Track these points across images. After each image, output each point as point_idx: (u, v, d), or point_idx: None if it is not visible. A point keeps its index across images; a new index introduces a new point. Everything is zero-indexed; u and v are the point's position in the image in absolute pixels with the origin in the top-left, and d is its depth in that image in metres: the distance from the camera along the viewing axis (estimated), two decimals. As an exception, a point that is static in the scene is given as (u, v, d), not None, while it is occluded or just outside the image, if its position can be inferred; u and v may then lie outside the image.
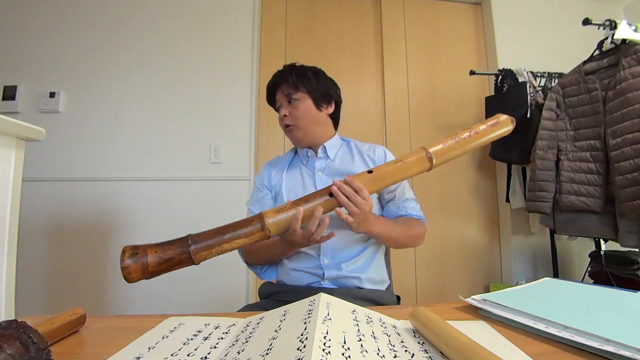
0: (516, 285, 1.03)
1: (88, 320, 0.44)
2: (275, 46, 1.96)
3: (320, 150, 0.91)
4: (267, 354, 0.27)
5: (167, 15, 1.83)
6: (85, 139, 1.70)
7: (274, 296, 0.85)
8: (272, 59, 1.94)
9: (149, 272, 0.55)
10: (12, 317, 0.40)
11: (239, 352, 0.30)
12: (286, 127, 0.88)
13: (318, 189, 0.76)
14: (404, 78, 2.05)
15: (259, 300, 0.91)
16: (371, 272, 0.83)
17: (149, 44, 1.79)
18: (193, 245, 0.57)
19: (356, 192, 0.66)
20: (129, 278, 0.54)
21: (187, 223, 1.68)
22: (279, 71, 0.90)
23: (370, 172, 0.72)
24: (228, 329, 0.39)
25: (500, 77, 1.81)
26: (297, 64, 0.91)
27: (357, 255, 0.83)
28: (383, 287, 0.86)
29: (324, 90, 0.89)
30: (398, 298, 0.90)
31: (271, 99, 0.93)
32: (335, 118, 0.95)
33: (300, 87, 0.86)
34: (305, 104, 0.87)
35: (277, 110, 0.92)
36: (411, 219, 0.85)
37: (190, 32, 1.82)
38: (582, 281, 1.60)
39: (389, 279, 0.91)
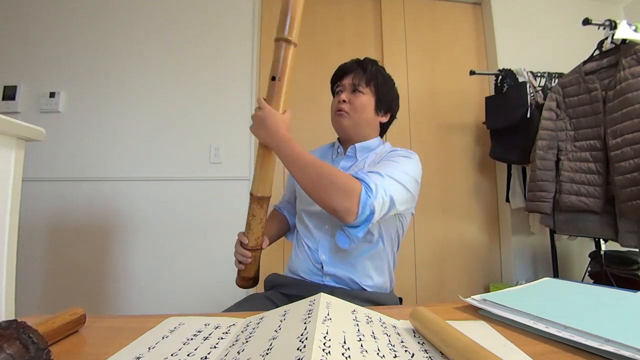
0: (516, 285, 1.03)
1: (88, 320, 0.44)
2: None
3: (349, 150, 0.90)
4: (267, 354, 0.27)
5: (167, 15, 1.83)
6: (85, 139, 1.70)
7: (278, 288, 0.86)
8: (272, 59, 1.93)
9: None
10: (12, 317, 0.40)
11: (239, 352, 0.30)
12: (338, 112, 0.88)
13: None
14: (404, 78, 2.04)
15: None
16: (371, 277, 0.81)
17: (149, 44, 1.80)
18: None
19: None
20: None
21: (187, 223, 1.69)
22: (358, 59, 0.91)
23: (273, 78, 0.81)
24: (228, 329, 0.39)
25: (500, 77, 1.81)
26: (379, 63, 0.91)
27: (354, 259, 0.81)
28: (386, 290, 0.86)
29: (389, 98, 0.90)
30: (400, 300, 0.89)
31: (335, 81, 0.92)
32: (384, 128, 0.95)
33: (372, 82, 0.87)
34: (365, 99, 0.87)
35: (334, 93, 0.93)
36: (346, 174, 0.70)
37: (191, 32, 1.83)
38: (582, 281, 1.60)
39: (391, 284, 0.89)
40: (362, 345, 0.29)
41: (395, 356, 0.30)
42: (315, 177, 0.69)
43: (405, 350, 0.31)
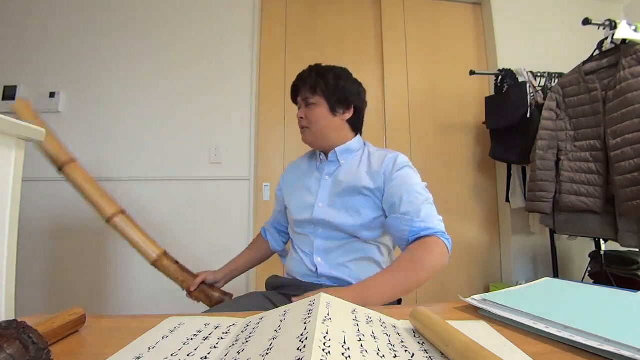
0: (516, 285, 1.03)
1: (88, 320, 0.44)
2: (275, 45, 1.96)
3: (331, 155, 0.90)
4: (267, 354, 0.27)
5: (167, 15, 1.83)
6: (85, 139, 1.70)
7: (279, 289, 0.87)
8: (272, 58, 1.94)
9: None
10: (12, 317, 0.40)
11: (239, 352, 0.30)
12: (301, 129, 0.90)
13: (321, 190, 0.86)
14: (404, 78, 2.04)
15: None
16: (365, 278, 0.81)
17: (149, 45, 1.80)
18: None
19: None
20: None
21: (187, 223, 1.69)
22: (301, 73, 0.91)
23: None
24: (228, 329, 0.39)
25: (500, 77, 1.81)
26: (321, 65, 0.90)
27: (349, 259, 0.81)
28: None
29: (342, 95, 0.87)
30: (399, 300, 0.88)
31: (294, 99, 0.95)
32: (354, 122, 0.92)
33: (317, 90, 0.86)
34: (320, 108, 0.86)
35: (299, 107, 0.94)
36: (417, 247, 0.69)
37: (191, 32, 1.83)
38: (582, 281, 1.60)
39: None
40: (362, 345, 0.29)
41: (395, 356, 0.30)
42: (412, 283, 0.67)
43: (405, 350, 0.31)
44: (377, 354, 0.29)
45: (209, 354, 0.33)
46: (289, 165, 1.05)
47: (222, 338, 0.37)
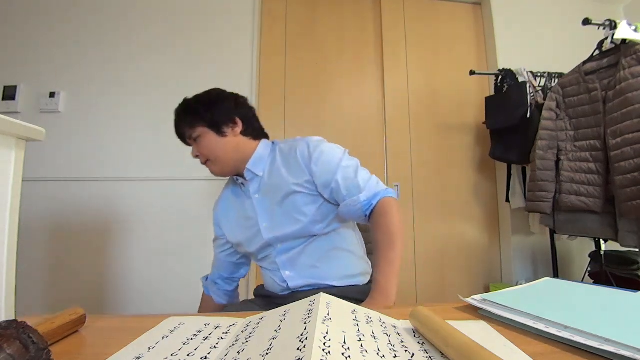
0: (516, 285, 1.03)
1: (88, 320, 0.44)
2: (275, 46, 1.96)
3: (246, 173, 0.85)
4: (267, 354, 0.27)
5: (167, 15, 1.83)
6: (85, 139, 1.70)
7: (266, 299, 0.88)
8: (272, 58, 1.94)
9: None
10: (12, 317, 0.40)
11: (239, 352, 0.30)
12: (205, 164, 0.86)
13: (258, 210, 0.83)
14: (404, 78, 2.04)
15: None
16: (340, 269, 0.82)
17: (149, 45, 1.79)
18: None
19: None
20: None
21: (187, 223, 1.68)
22: (175, 119, 0.88)
23: None
24: (228, 329, 0.39)
25: (500, 77, 1.81)
26: (187, 99, 0.86)
27: (316, 258, 0.81)
28: (364, 280, 0.85)
29: (219, 114, 0.83)
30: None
31: (186, 143, 0.90)
32: (250, 132, 0.87)
33: (194, 123, 0.82)
34: (207, 138, 0.83)
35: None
36: (378, 218, 0.75)
37: (191, 32, 1.82)
38: (582, 281, 1.60)
39: (370, 268, 0.88)
40: (362, 345, 0.29)
41: (395, 356, 0.30)
42: (399, 255, 0.71)
43: (405, 350, 0.31)
44: (377, 354, 0.29)
45: (209, 354, 0.33)
46: (217, 203, 0.98)
47: (222, 338, 0.37)
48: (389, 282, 0.67)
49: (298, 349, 0.26)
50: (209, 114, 0.82)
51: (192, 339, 0.37)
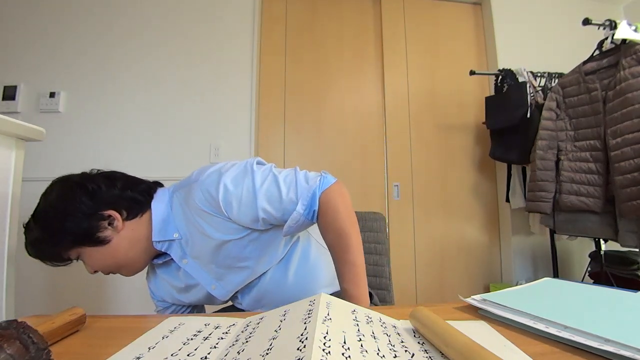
0: (516, 285, 1.03)
1: (88, 320, 0.44)
2: (275, 46, 1.96)
3: (159, 246, 0.65)
4: (267, 354, 0.27)
5: (167, 15, 1.83)
6: (85, 139, 1.70)
7: None
8: (272, 58, 1.94)
9: None
10: (12, 317, 0.40)
11: (239, 352, 0.30)
12: (109, 274, 0.67)
13: (196, 276, 0.67)
14: (404, 78, 2.05)
15: None
16: (315, 281, 0.73)
17: (149, 44, 1.79)
18: None
19: None
20: None
21: (187, 223, 1.68)
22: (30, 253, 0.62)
23: None
24: (228, 329, 0.39)
25: (500, 77, 1.81)
26: (27, 228, 0.61)
27: (285, 285, 0.70)
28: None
29: (75, 229, 0.59)
30: (371, 295, 0.75)
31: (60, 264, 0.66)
32: (133, 208, 0.66)
33: (60, 251, 0.61)
34: (89, 255, 0.62)
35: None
36: (325, 218, 0.63)
37: (191, 32, 1.83)
38: (582, 281, 1.60)
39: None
40: (362, 345, 0.29)
41: (395, 356, 0.30)
42: (359, 249, 0.62)
43: (405, 350, 0.31)
44: (377, 354, 0.29)
45: (209, 354, 0.33)
46: (153, 280, 0.77)
47: (222, 338, 0.37)
48: (358, 287, 0.59)
49: (298, 349, 0.26)
50: (64, 236, 0.60)
51: (192, 339, 0.37)
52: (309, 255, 0.74)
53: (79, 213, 0.60)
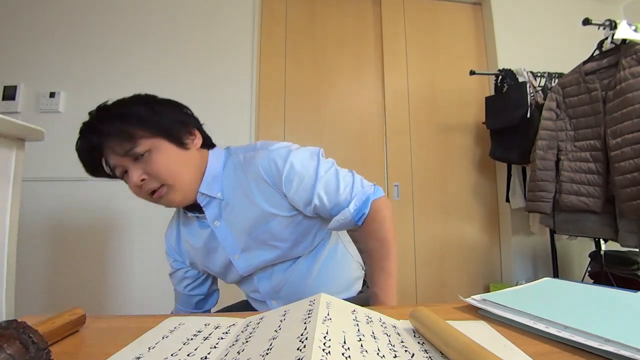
0: (516, 285, 1.03)
1: (88, 320, 0.44)
2: (275, 46, 1.96)
3: (200, 199, 0.66)
4: (267, 354, 0.27)
5: (167, 15, 1.83)
6: (85, 139, 1.70)
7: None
8: (272, 59, 1.94)
9: None
10: (12, 317, 0.40)
11: (239, 352, 0.30)
12: (152, 195, 0.61)
13: (222, 241, 0.67)
14: (404, 78, 2.05)
15: None
16: (334, 283, 0.74)
17: (149, 44, 1.79)
18: None
19: None
20: None
21: (187, 223, 1.68)
22: (88, 124, 0.64)
23: None
24: (228, 329, 0.39)
25: (500, 77, 1.81)
26: (113, 104, 0.64)
27: (304, 283, 0.71)
28: (357, 288, 0.79)
29: (173, 123, 0.63)
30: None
31: (98, 166, 0.66)
32: (205, 143, 0.69)
33: (139, 132, 0.59)
34: (164, 153, 0.60)
35: (113, 176, 0.66)
36: (371, 225, 0.65)
37: (190, 32, 1.82)
38: (582, 281, 1.60)
39: (364, 271, 0.82)
40: (362, 345, 0.29)
41: (395, 356, 0.30)
42: (395, 262, 0.65)
43: (405, 350, 0.31)
44: (377, 354, 0.29)
45: (209, 354, 0.33)
46: (169, 232, 0.81)
47: (222, 338, 0.37)
48: (388, 295, 0.60)
49: (298, 349, 0.26)
50: (157, 117, 0.61)
51: (192, 339, 0.37)
52: (334, 256, 0.75)
53: (177, 110, 0.66)
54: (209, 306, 0.83)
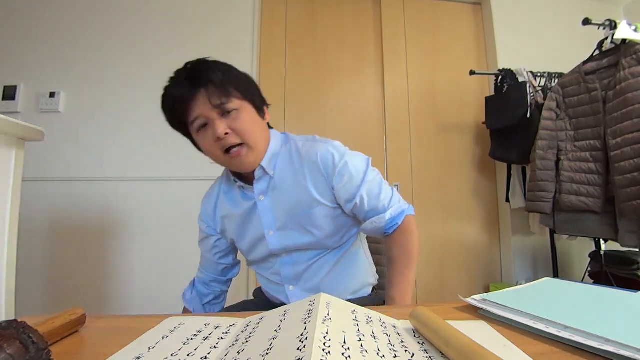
0: (516, 285, 1.03)
1: (88, 320, 0.44)
2: (275, 46, 1.96)
3: (258, 172, 0.71)
4: (267, 354, 0.27)
5: (167, 15, 1.83)
6: (85, 139, 1.70)
7: (267, 301, 0.85)
8: (272, 58, 1.94)
9: None
10: (12, 317, 0.40)
11: (239, 352, 0.30)
12: (228, 151, 0.65)
13: (262, 215, 0.71)
14: (404, 78, 2.04)
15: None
16: (347, 284, 0.77)
17: (149, 44, 1.79)
18: None
19: None
20: None
21: (187, 223, 1.68)
22: (189, 73, 0.67)
23: None
24: (228, 329, 0.39)
25: (500, 77, 1.81)
26: (207, 59, 0.68)
27: (324, 274, 0.75)
28: (367, 291, 0.82)
29: (257, 91, 0.71)
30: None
31: (179, 116, 0.68)
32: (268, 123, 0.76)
33: (233, 91, 0.64)
34: (248, 115, 0.66)
35: (190, 129, 0.68)
36: (401, 236, 0.71)
37: (190, 32, 1.82)
38: (582, 281, 1.60)
39: (376, 280, 0.86)
40: (362, 345, 0.29)
41: (395, 356, 0.30)
42: (414, 273, 0.71)
43: (405, 350, 0.31)
44: (377, 354, 0.29)
45: (209, 354, 0.33)
46: (209, 197, 0.85)
47: (222, 338, 0.37)
48: (404, 299, 0.66)
49: (298, 349, 0.26)
50: (250, 85, 0.68)
51: (192, 339, 0.37)
52: (354, 259, 0.80)
53: (257, 86, 0.72)
54: (232, 275, 0.88)
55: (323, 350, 0.25)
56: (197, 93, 0.63)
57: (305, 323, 0.30)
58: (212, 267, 0.86)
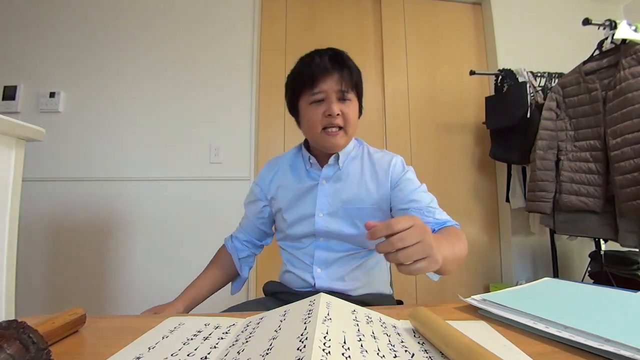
0: (516, 285, 1.03)
1: (88, 320, 0.44)
2: (275, 46, 1.96)
3: (332, 159, 0.79)
4: (267, 354, 0.27)
5: (167, 15, 1.83)
6: (85, 139, 1.70)
7: (277, 295, 0.84)
8: (272, 58, 1.94)
9: None
10: (12, 317, 0.40)
11: (239, 352, 0.30)
12: (330, 129, 0.72)
13: (319, 197, 0.77)
14: (404, 78, 2.04)
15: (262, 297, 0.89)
16: (368, 286, 0.79)
17: (149, 45, 1.79)
18: None
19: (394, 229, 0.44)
20: None
21: (187, 223, 1.68)
22: (330, 53, 0.76)
23: None
24: (228, 329, 0.39)
25: (500, 77, 1.81)
26: (344, 52, 0.77)
27: (349, 269, 0.77)
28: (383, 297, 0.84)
29: (362, 95, 0.79)
30: (400, 302, 0.87)
31: (307, 84, 0.73)
32: None
33: (355, 86, 0.74)
34: (356, 108, 0.76)
35: (301, 99, 0.76)
36: (450, 231, 0.68)
37: (191, 32, 1.83)
38: (582, 281, 1.60)
39: (391, 289, 0.87)
40: (362, 345, 0.29)
41: (395, 356, 0.30)
42: (463, 252, 0.63)
43: (405, 350, 0.31)
44: (377, 354, 0.29)
45: (209, 354, 0.33)
46: (274, 164, 0.87)
47: (222, 338, 0.37)
48: (440, 250, 0.49)
49: (298, 349, 0.26)
50: (362, 86, 0.78)
51: (192, 339, 0.37)
52: (379, 265, 0.81)
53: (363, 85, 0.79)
54: (266, 242, 0.93)
55: (323, 350, 0.25)
56: (334, 72, 0.72)
57: (305, 323, 0.30)
58: (252, 229, 0.91)
